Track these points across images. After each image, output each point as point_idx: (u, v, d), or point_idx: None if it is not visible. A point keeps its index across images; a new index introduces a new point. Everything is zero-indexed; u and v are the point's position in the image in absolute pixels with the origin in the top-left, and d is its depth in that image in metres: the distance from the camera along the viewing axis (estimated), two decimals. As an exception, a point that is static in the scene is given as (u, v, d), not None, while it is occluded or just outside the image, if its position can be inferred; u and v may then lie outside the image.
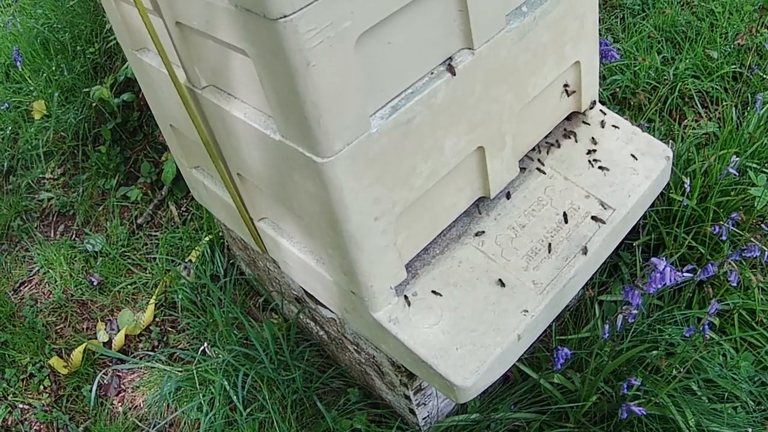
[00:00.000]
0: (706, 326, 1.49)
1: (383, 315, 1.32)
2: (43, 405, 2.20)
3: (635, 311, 1.32)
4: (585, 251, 1.40)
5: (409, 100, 1.13)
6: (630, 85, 2.54)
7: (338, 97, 1.01)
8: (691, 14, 2.84)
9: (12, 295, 2.55)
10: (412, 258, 1.37)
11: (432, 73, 1.18)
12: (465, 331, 1.31)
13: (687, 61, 2.59)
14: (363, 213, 1.14)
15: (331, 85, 0.99)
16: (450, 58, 1.19)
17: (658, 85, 2.52)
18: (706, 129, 2.37)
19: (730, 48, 2.65)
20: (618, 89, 2.53)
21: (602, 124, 1.65)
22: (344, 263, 1.24)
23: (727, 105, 2.42)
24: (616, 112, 2.48)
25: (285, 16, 0.91)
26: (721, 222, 1.80)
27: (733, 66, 2.57)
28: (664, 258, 1.27)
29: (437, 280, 1.37)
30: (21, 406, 2.23)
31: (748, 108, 2.40)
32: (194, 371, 1.94)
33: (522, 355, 1.39)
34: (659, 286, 1.26)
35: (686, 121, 2.45)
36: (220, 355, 1.94)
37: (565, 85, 1.51)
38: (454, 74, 1.17)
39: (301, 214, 1.27)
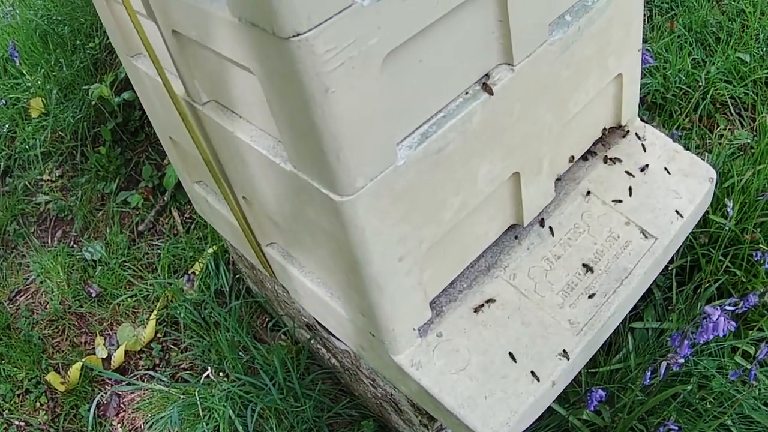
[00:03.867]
0: (754, 370, 1.36)
1: (405, 358, 1.18)
2: (40, 423, 2.09)
3: (681, 360, 1.18)
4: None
5: (441, 125, 0.99)
6: (660, 89, 2.39)
7: (361, 126, 0.86)
8: (721, 14, 2.69)
9: (7, 304, 2.43)
10: (437, 294, 1.24)
11: (467, 94, 1.03)
12: (495, 377, 1.17)
13: (718, 64, 2.44)
14: (386, 254, 1.00)
15: (353, 113, 0.85)
16: (486, 76, 1.05)
17: (689, 90, 2.38)
18: (742, 139, 2.23)
19: (762, 51, 2.50)
20: (648, 94, 2.39)
21: (643, 140, 1.51)
22: (363, 305, 1.10)
23: (764, 117, 2.27)
24: (646, 118, 2.34)
25: (299, 35, 0.77)
26: (762, 246, 1.66)
27: (766, 71, 2.42)
28: (717, 307, 1.13)
29: (465, 318, 1.23)
30: (17, 422, 2.11)
31: (786, 116, 2.26)
32: (197, 398, 1.81)
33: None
34: (711, 336, 1.12)
35: (719, 129, 2.30)
36: (225, 384, 1.81)
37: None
38: (491, 94, 1.03)
39: (316, 249, 1.14)
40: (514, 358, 1.19)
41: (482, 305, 1.24)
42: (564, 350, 1.21)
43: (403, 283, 1.07)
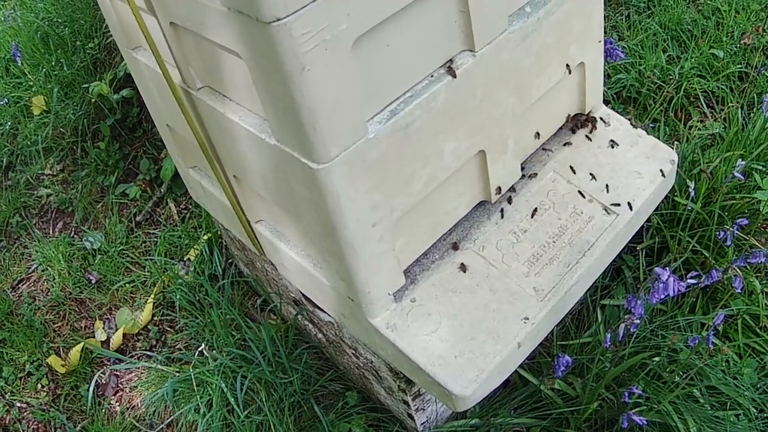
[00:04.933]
0: (711, 336, 1.47)
1: (381, 321, 1.29)
2: (41, 404, 2.19)
3: (637, 321, 1.29)
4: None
5: (408, 104, 1.10)
6: (635, 84, 2.50)
7: (334, 102, 0.98)
8: (697, 12, 2.81)
9: (10, 292, 2.53)
10: (410, 263, 1.35)
11: (432, 76, 1.15)
12: (464, 339, 1.28)
13: (692, 60, 2.55)
14: (360, 220, 1.12)
15: (327, 90, 0.96)
16: (450, 61, 1.17)
17: (663, 84, 2.49)
18: (712, 130, 2.34)
19: (736, 47, 2.62)
20: (623, 88, 2.50)
21: (607, 126, 1.62)
22: (341, 269, 1.21)
23: (733, 106, 2.38)
24: (621, 112, 2.45)
25: (278, 20, 0.88)
26: (726, 227, 1.77)
27: (739, 66, 2.53)
28: (667, 268, 1.24)
29: (436, 286, 1.34)
30: (19, 404, 2.21)
31: (755, 109, 2.37)
32: (191, 373, 1.92)
33: (522, 361, 1.37)
34: (662, 296, 1.23)
35: (691, 121, 2.42)
36: (218, 357, 1.92)
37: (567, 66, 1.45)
38: (454, 77, 1.15)
39: (298, 219, 1.25)
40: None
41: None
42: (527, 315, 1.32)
43: (377, 248, 1.18)
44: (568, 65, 1.43)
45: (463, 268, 1.37)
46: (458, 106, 1.18)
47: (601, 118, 1.62)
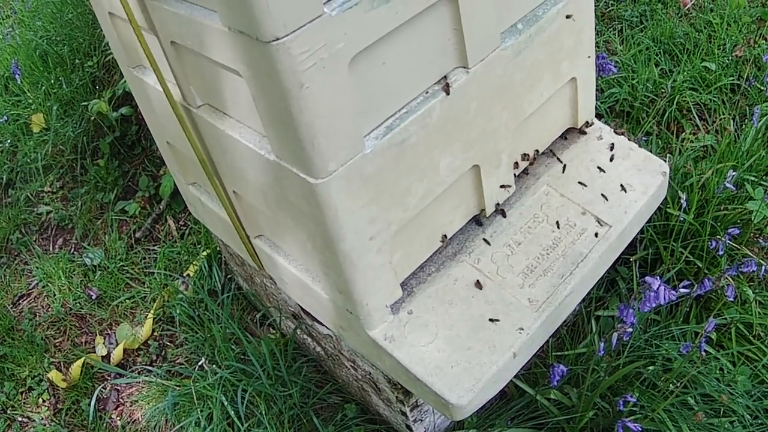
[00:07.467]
0: (703, 343, 1.49)
1: (379, 333, 1.31)
2: (42, 418, 2.20)
3: (630, 329, 1.32)
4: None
5: (403, 119, 1.14)
6: (628, 98, 2.54)
7: (332, 118, 1.01)
8: (689, 26, 2.85)
9: (11, 308, 2.55)
10: (407, 276, 1.37)
11: (427, 93, 1.18)
12: (460, 349, 1.31)
13: (685, 73, 2.59)
14: (358, 233, 1.14)
15: (324, 106, 0.99)
16: (445, 77, 1.20)
17: (656, 97, 2.53)
18: (704, 142, 2.37)
19: (728, 60, 2.66)
20: (616, 102, 2.54)
21: (599, 139, 1.65)
22: (340, 282, 1.24)
23: (724, 118, 2.42)
24: (614, 125, 2.49)
25: (278, 39, 0.91)
26: (719, 236, 1.80)
27: (731, 78, 2.57)
28: (658, 277, 1.27)
29: (433, 298, 1.37)
30: (20, 419, 2.22)
31: (746, 120, 2.41)
32: (192, 387, 1.94)
33: (518, 372, 1.39)
34: (653, 305, 1.26)
35: (684, 134, 2.45)
36: (218, 371, 1.94)
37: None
38: (448, 93, 1.18)
39: (297, 233, 1.28)
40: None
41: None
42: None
43: (375, 261, 1.21)
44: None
45: (458, 280, 1.39)
46: (453, 121, 1.21)
47: (593, 133, 1.65)
